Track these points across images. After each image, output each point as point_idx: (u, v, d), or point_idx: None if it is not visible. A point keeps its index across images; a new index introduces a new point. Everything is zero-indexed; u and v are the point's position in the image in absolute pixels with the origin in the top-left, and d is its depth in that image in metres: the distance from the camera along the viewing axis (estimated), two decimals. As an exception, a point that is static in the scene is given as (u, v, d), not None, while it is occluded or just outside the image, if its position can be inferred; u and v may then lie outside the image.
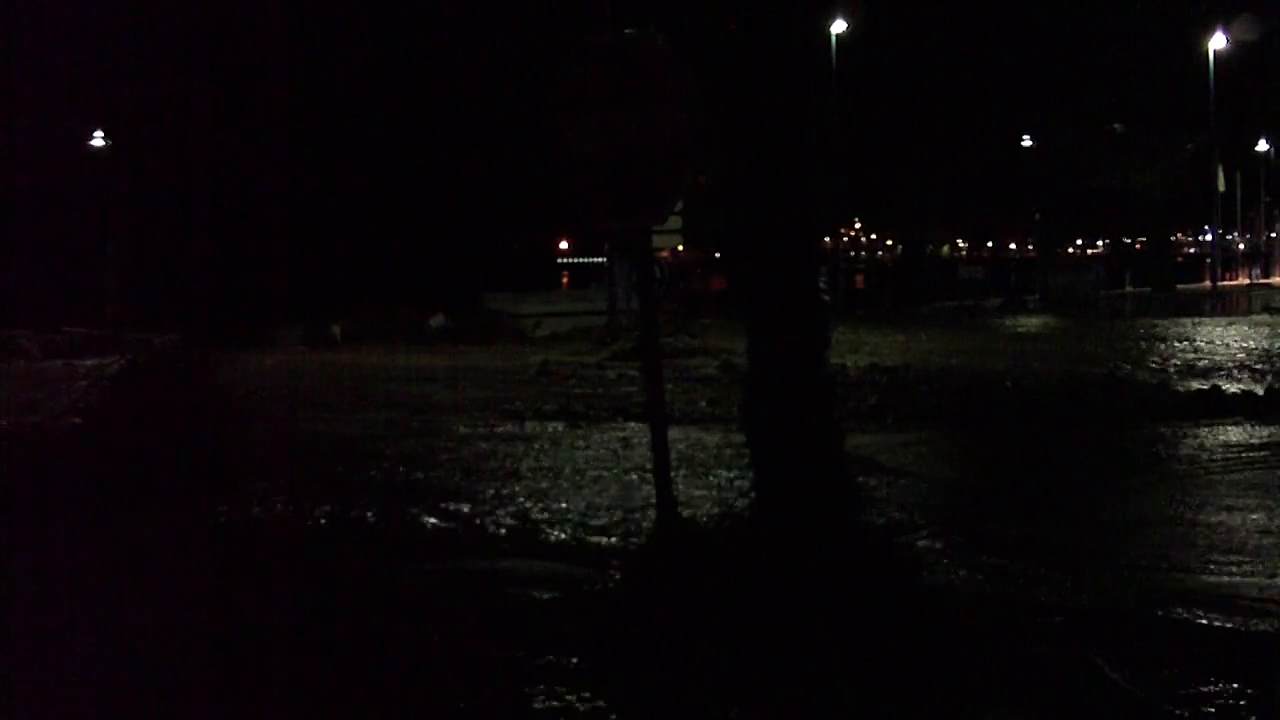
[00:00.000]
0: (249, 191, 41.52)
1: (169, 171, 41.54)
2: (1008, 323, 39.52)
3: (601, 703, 5.68)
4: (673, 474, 8.04)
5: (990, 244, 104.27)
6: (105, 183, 42.63)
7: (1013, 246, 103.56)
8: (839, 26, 49.18)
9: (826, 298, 7.29)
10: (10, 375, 23.21)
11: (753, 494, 7.16)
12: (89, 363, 21.49)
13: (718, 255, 66.07)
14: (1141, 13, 57.69)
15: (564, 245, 74.58)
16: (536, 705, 5.68)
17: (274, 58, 42.43)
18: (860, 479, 8.62)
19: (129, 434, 10.09)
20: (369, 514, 9.71)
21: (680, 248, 43.53)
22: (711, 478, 11.31)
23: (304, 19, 43.03)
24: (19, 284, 35.83)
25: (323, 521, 9.57)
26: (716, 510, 9.33)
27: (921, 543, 8.68)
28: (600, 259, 57.16)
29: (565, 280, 69.25)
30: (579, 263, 72.48)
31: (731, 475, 11.17)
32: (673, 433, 8.61)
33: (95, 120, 43.91)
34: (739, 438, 11.08)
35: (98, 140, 44.92)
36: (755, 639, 5.98)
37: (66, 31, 39.53)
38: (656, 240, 8.07)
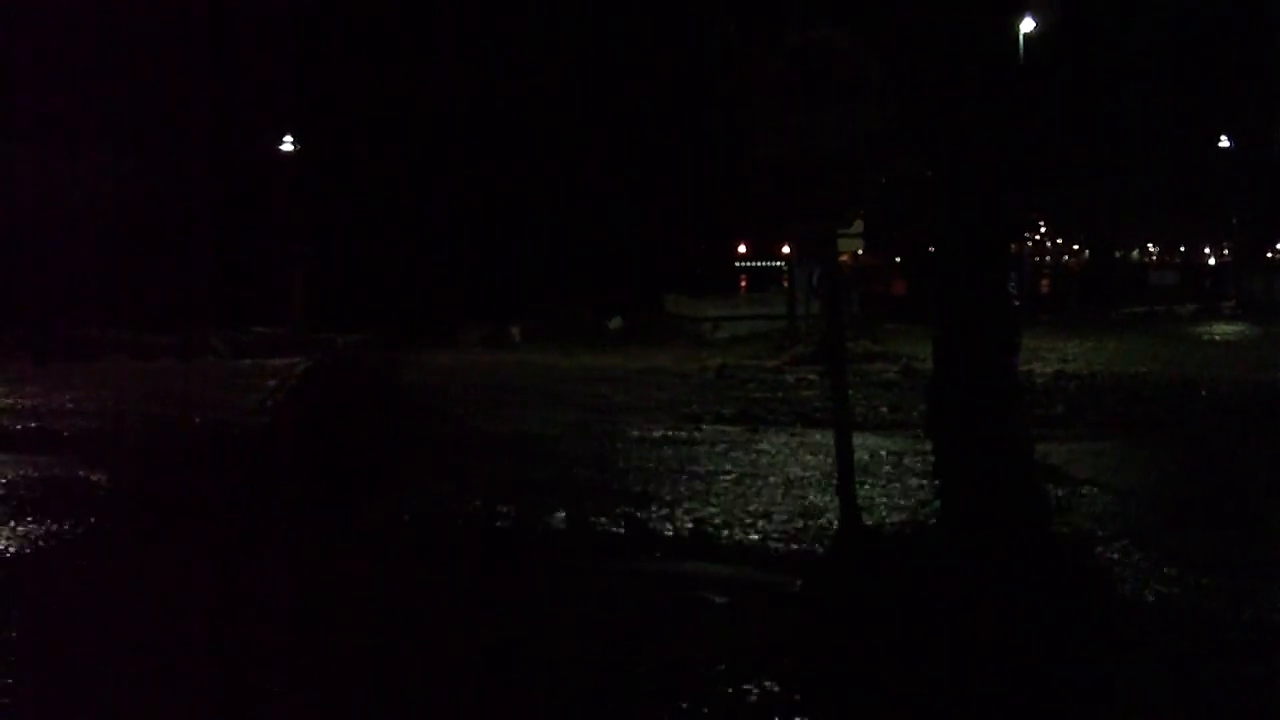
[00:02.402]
0: (432, 194, 42.26)
1: (357, 175, 42.48)
2: (1201, 330, 38.30)
3: (784, 710, 5.58)
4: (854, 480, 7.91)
5: (1183, 248, 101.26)
6: (295, 186, 43.66)
7: (1206, 251, 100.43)
8: (1028, 25, 48.13)
9: (1016, 302, 7.10)
10: (202, 374, 23.93)
11: (938, 502, 7.01)
12: (277, 362, 22.04)
13: (899, 259, 65.38)
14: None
15: (742, 249, 74.38)
16: (718, 709, 5.61)
17: (461, 62, 43.14)
18: (1048, 488, 8.39)
19: (316, 433, 10.26)
20: (551, 514, 9.73)
21: (860, 251, 43.14)
22: (894, 485, 11.12)
23: (490, 25, 43.68)
24: (211, 284, 36.89)
25: (504, 521, 9.62)
26: (900, 518, 9.19)
27: (1113, 555, 8.41)
28: (778, 263, 56.94)
29: (743, 284, 69.04)
30: (757, 266, 72.30)
31: (915, 482, 10.98)
32: (854, 439, 8.47)
33: (286, 125, 45.01)
34: (922, 444, 10.92)
35: (288, 145, 46.05)
36: (942, 649, 5.84)
37: (257, 36, 40.64)
38: (840, 244, 7.94)
